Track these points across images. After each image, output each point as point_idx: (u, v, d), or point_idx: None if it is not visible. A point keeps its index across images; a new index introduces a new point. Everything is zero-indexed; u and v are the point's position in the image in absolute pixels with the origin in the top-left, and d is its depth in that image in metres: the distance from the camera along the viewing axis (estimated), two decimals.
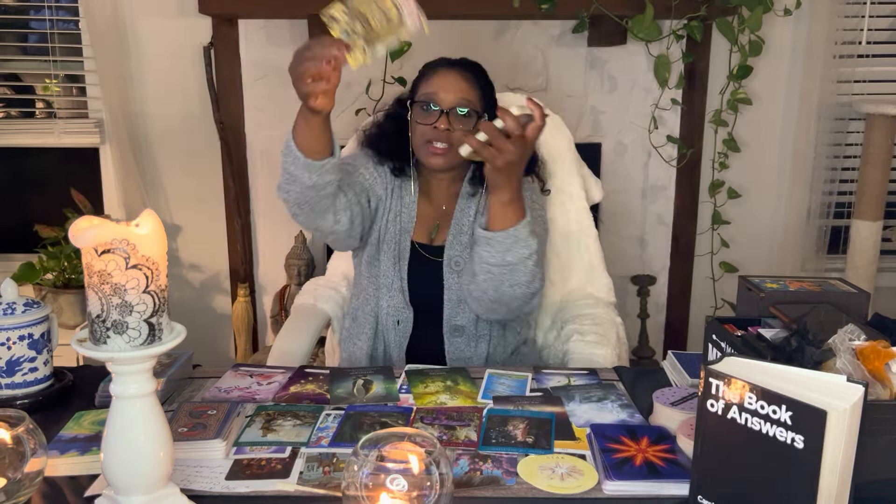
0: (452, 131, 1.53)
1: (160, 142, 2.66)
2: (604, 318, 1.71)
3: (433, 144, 1.54)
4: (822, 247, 2.72)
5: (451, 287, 1.59)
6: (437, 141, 1.54)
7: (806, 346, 1.01)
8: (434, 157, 1.55)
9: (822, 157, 2.64)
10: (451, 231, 1.61)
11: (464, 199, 1.63)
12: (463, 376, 1.34)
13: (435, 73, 1.58)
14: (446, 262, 1.59)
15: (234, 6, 2.38)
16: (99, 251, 0.81)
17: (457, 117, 1.54)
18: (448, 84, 1.55)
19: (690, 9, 2.35)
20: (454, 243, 1.60)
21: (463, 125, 1.54)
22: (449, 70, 1.58)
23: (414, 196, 1.64)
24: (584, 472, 1.03)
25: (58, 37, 2.63)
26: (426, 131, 1.54)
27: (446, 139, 1.53)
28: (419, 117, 1.56)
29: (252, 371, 1.37)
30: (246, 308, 2.61)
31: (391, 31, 1.16)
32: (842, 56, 2.57)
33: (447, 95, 1.54)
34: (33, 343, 1.20)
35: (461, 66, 1.60)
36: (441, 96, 1.54)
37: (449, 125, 1.53)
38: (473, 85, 1.58)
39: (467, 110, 1.54)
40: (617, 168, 2.65)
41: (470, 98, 1.56)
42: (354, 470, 0.84)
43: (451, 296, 1.59)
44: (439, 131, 1.53)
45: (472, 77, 1.59)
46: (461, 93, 1.55)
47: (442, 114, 1.53)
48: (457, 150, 1.47)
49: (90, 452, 1.04)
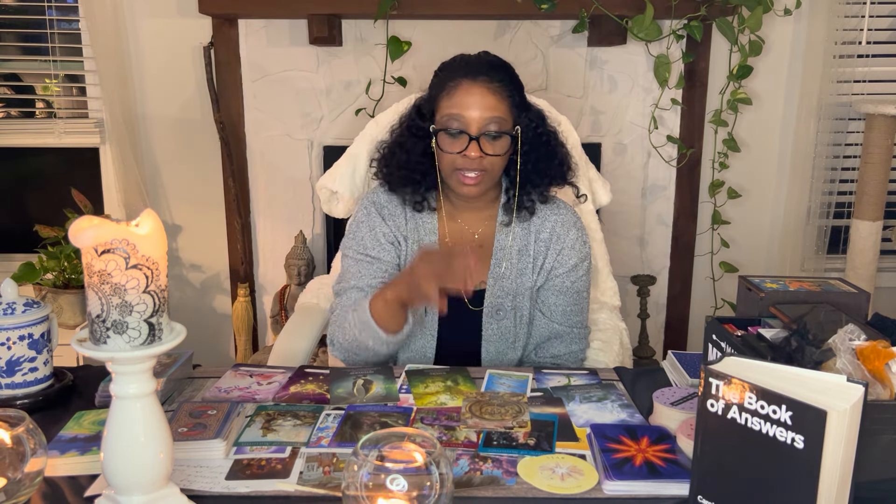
0: (484, 158, 1.38)
1: (160, 142, 2.66)
2: (608, 323, 1.69)
3: (464, 174, 1.39)
4: (821, 247, 2.72)
5: (491, 338, 1.46)
6: (468, 170, 1.38)
7: (806, 346, 1.01)
8: (466, 187, 1.40)
9: (822, 157, 2.64)
10: (491, 273, 1.46)
11: (505, 233, 1.48)
12: (463, 376, 1.34)
13: (458, 88, 1.39)
14: (486, 312, 1.46)
15: (234, 6, 2.38)
16: (99, 251, 0.81)
17: (489, 141, 1.38)
18: (474, 102, 1.37)
19: (690, 9, 2.35)
20: (495, 289, 1.45)
21: (495, 149, 1.38)
22: (473, 84, 1.38)
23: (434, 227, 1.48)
24: (584, 472, 1.03)
25: (58, 37, 2.63)
26: (456, 160, 1.39)
27: (479, 166, 1.38)
28: (445, 145, 1.40)
29: (252, 371, 1.37)
30: (246, 308, 2.61)
31: None
32: (842, 56, 2.57)
33: (474, 117, 1.37)
34: (33, 343, 1.20)
35: (485, 74, 1.40)
36: (467, 118, 1.37)
37: (481, 152, 1.37)
38: (502, 96, 1.39)
39: (498, 132, 1.38)
40: (617, 168, 2.65)
41: (501, 114, 1.38)
42: (354, 470, 0.83)
43: (490, 348, 1.47)
44: (470, 159, 1.37)
45: (499, 86, 1.39)
46: (490, 111, 1.37)
47: (471, 140, 1.37)
48: (490, 175, 1.40)
49: (90, 452, 1.04)
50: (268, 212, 2.66)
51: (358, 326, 1.38)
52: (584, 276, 1.53)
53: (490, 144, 1.38)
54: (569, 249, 1.50)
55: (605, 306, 1.77)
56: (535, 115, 1.47)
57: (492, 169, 1.41)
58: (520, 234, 1.50)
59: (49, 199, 2.71)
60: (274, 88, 2.55)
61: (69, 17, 2.65)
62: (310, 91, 2.55)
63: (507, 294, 1.47)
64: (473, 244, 1.50)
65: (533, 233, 1.50)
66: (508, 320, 1.47)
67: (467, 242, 1.49)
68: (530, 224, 1.50)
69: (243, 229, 2.64)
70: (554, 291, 1.50)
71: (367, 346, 1.38)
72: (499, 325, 1.47)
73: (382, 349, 1.39)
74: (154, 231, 0.84)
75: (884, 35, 2.66)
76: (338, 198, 1.86)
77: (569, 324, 1.51)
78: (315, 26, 2.37)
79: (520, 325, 1.49)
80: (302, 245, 2.57)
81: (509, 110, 1.41)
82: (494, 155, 1.39)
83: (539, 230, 1.50)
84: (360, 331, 1.37)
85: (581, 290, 1.53)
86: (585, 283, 1.53)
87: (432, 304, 1.25)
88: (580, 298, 1.53)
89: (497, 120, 1.38)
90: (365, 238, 1.49)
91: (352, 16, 2.44)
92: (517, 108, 1.43)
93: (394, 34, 2.37)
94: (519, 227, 1.50)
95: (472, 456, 1.06)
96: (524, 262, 1.49)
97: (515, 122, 1.43)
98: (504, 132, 1.39)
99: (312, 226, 2.66)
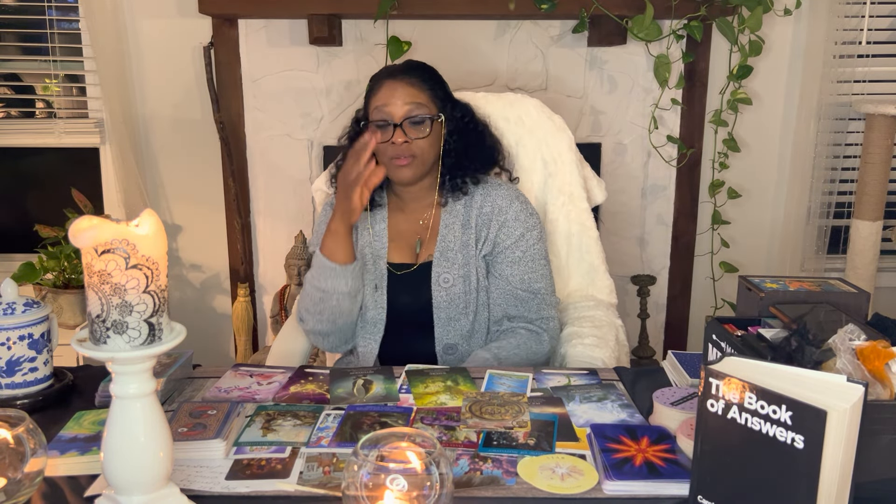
0: (411, 142, 1.51)
1: (160, 142, 2.66)
2: (603, 320, 1.70)
3: (396, 160, 1.52)
4: (822, 247, 2.72)
5: (441, 305, 1.56)
6: (398, 156, 1.51)
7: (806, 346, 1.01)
8: (400, 170, 1.53)
9: (822, 157, 2.64)
10: (437, 248, 1.59)
11: (446, 212, 1.61)
12: (463, 376, 1.34)
13: (381, 86, 1.55)
14: (434, 280, 1.57)
15: (234, 6, 2.38)
16: (99, 251, 0.81)
17: (412, 126, 1.52)
18: (395, 95, 1.52)
19: (690, 9, 2.35)
20: (441, 260, 1.58)
21: (418, 133, 1.52)
22: (393, 80, 1.54)
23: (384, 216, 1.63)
24: (584, 472, 1.03)
25: (58, 37, 2.63)
26: (387, 148, 1.52)
27: (407, 151, 1.51)
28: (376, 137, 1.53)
29: (252, 371, 1.37)
30: (246, 308, 2.61)
31: None
32: (842, 56, 2.57)
33: (396, 107, 1.52)
34: (33, 343, 1.20)
35: (404, 73, 1.56)
36: (391, 109, 1.52)
37: (405, 136, 1.51)
38: (422, 88, 1.55)
39: (420, 116, 1.52)
40: (617, 168, 2.65)
41: (421, 101, 1.53)
42: (354, 470, 0.83)
43: (441, 314, 1.57)
44: (398, 146, 1.51)
45: (418, 80, 1.55)
46: (409, 98, 1.52)
47: (396, 127, 1.51)
48: (421, 159, 1.54)
49: (90, 452, 1.04)
50: (268, 212, 2.66)
51: (315, 274, 1.54)
52: (536, 244, 1.60)
53: (413, 129, 1.52)
54: (513, 221, 1.59)
55: (601, 304, 1.78)
56: (462, 108, 1.63)
57: (421, 154, 1.54)
58: (462, 212, 1.61)
59: (49, 199, 2.71)
60: (274, 88, 2.55)
61: (69, 17, 2.65)
62: (310, 91, 2.55)
63: (454, 265, 1.57)
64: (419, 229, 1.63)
65: (475, 208, 1.61)
66: (457, 287, 1.56)
67: (414, 229, 1.63)
68: (472, 201, 1.61)
69: (243, 229, 2.64)
70: (507, 263, 1.59)
71: (326, 289, 1.52)
72: (447, 293, 1.56)
73: (342, 286, 1.52)
74: (154, 231, 0.84)
75: (884, 35, 2.66)
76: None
77: (530, 289, 1.59)
78: (315, 26, 2.37)
79: (469, 292, 1.57)
80: (302, 245, 2.57)
81: (430, 99, 1.55)
82: (418, 138, 1.52)
83: (482, 205, 1.61)
84: (318, 277, 1.53)
85: (536, 258, 1.60)
86: (539, 250, 1.61)
87: (357, 208, 1.47)
88: (537, 265, 1.60)
89: (416, 105, 1.53)
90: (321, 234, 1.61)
91: (352, 16, 2.44)
92: (440, 99, 1.58)
93: (394, 34, 2.37)
94: (461, 206, 1.61)
95: (472, 456, 1.06)
96: (468, 235, 1.60)
97: (439, 112, 1.56)
98: (426, 117, 1.53)
99: (312, 226, 2.66)
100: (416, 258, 1.61)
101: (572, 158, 1.85)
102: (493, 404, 1.21)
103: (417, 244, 1.61)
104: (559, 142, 1.85)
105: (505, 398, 1.24)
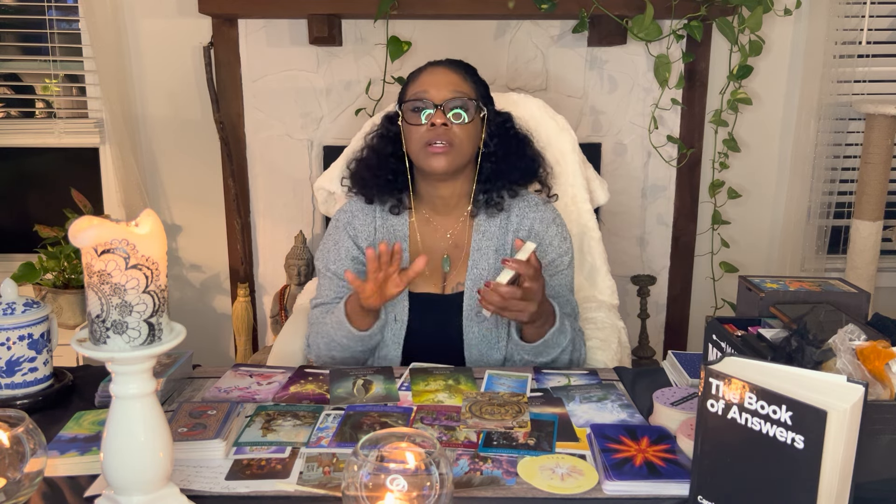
0: (450, 126, 1.42)
1: (160, 142, 2.66)
2: (605, 322, 1.70)
3: (432, 145, 1.41)
4: (822, 247, 2.72)
5: (472, 341, 1.46)
6: (436, 140, 1.41)
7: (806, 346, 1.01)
8: (435, 157, 1.41)
9: (822, 157, 2.64)
10: (468, 275, 1.47)
11: (478, 232, 1.50)
12: (465, 376, 1.34)
13: (422, 72, 1.49)
14: (467, 316, 1.46)
15: (234, 6, 2.38)
16: (99, 251, 0.81)
17: (452, 111, 1.43)
18: (438, 80, 1.45)
19: (690, 9, 2.35)
20: (474, 291, 1.44)
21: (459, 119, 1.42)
22: (436, 67, 1.49)
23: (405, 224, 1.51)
24: (584, 472, 1.03)
25: (58, 37, 2.63)
26: (422, 134, 1.42)
27: (445, 136, 1.41)
28: (412, 119, 1.45)
29: (252, 371, 1.37)
30: (246, 308, 2.61)
31: None
32: (842, 56, 2.57)
33: (439, 91, 1.43)
34: (33, 343, 1.20)
35: (448, 63, 1.51)
36: (432, 92, 1.43)
37: (446, 120, 1.41)
38: (465, 78, 1.48)
39: (462, 101, 1.43)
40: (617, 168, 2.64)
41: (463, 90, 1.45)
42: (354, 470, 0.83)
43: (473, 351, 1.47)
44: (437, 129, 1.41)
45: (462, 72, 1.49)
46: (452, 85, 1.44)
47: (436, 108, 1.41)
48: (459, 150, 1.43)
49: (90, 452, 1.04)
50: (268, 212, 2.66)
51: (334, 327, 1.45)
52: (565, 270, 1.54)
53: (453, 115, 1.43)
54: (546, 245, 1.52)
55: (603, 305, 1.77)
56: (505, 115, 1.56)
57: (459, 144, 1.44)
58: (496, 234, 1.51)
59: (49, 199, 2.71)
60: (274, 88, 2.55)
61: (69, 17, 2.65)
62: (310, 91, 2.55)
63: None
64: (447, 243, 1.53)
65: (511, 232, 1.52)
66: (489, 322, 1.47)
67: (441, 245, 1.52)
68: (508, 223, 1.52)
69: (243, 229, 2.64)
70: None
71: (344, 345, 1.45)
72: (479, 328, 1.47)
73: (356, 346, 1.45)
74: (154, 231, 0.84)
75: (884, 35, 2.66)
76: (335, 198, 1.86)
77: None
78: (315, 26, 2.37)
79: (501, 327, 1.49)
80: (302, 245, 2.57)
81: (473, 90, 1.48)
82: (459, 124, 1.43)
83: (517, 228, 1.52)
84: (336, 330, 1.45)
85: (562, 283, 1.53)
86: (566, 276, 1.54)
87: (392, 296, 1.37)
88: (562, 290, 1.54)
89: (459, 93, 1.44)
90: (329, 254, 1.55)
91: (352, 16, 2.44)
92: (482, 96, 1.50)
93: (394, 34, 2.37)
94: (495, 227, 1.51)
95: (472, 456, 1.06)
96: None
97: (481, 105, 1.48)
98: (468, 101, 1.44)
99: (312, 226, 2.66)
100: (444, 279, 1.51)
101: (575, 159, 1.85)
102: (493, 404, 1.21)
103: (445, 261, 1.50)
104: (562, 142, 1.85)
105: (505, 398, 1.24)
